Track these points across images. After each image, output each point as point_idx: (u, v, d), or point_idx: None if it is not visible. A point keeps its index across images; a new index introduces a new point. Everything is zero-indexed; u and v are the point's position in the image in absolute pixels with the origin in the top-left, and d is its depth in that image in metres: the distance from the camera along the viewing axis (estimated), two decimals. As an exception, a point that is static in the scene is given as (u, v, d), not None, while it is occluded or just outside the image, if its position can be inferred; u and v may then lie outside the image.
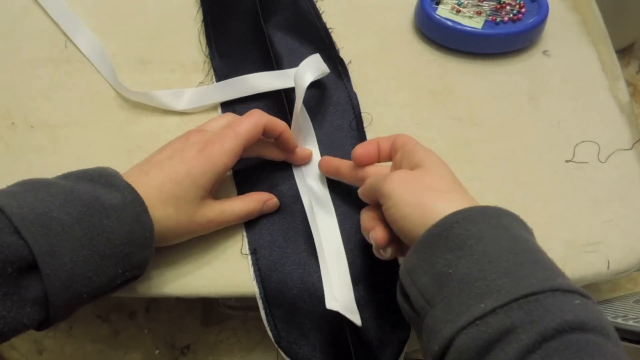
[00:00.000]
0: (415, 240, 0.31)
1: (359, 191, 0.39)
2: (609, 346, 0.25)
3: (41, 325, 0.31)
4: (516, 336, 0.25)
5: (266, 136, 0.41)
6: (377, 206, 0.35)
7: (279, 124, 0.41)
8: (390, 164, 0.39)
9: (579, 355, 0.24)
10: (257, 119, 0.39)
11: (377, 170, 0.39)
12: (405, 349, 0.39)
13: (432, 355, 0.28)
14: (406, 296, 0.31)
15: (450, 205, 0.31)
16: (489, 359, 0.25)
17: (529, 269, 0.27)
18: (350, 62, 0.51)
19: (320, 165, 0.43)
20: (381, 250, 0.36)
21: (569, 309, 0.26)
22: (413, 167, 0.35)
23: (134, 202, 0.33)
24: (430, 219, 0.31)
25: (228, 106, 0.48)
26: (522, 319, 0.25)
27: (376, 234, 0.35)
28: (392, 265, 0.40)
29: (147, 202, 0.34)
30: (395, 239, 0.35)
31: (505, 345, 0.25)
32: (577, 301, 0.26)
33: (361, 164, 0.39)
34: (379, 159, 0.39)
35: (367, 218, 0.37)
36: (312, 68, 0.43)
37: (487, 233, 0.29)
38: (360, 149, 0.39)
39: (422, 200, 0.32)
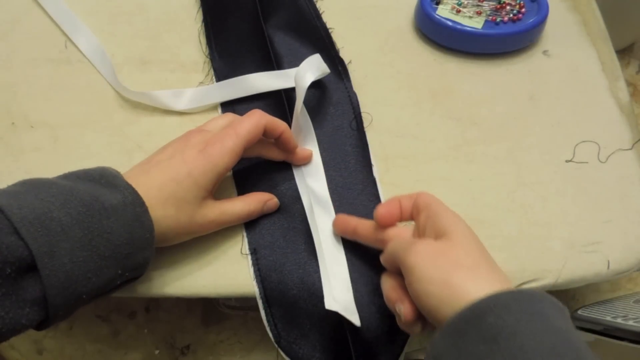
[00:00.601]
0: (442, 321, 0.29)
1: (381, 258, 0.36)
2: None
3: (40, 325, 0.31)
4: None
5: (266, 136, 0.41)
6: (400, 273, 0.33)
7: (279, 124, 0.40)
8: (411, 223, 0.37)
9: None
10: (257, 119, 0.39)
11: (399, 233, 0.36)
12: (405, 349, 0.39)
13: None
14: None
15: (479, 285, 0.29)
16: None
17: None
18: (350, 62, 0.51)
19: (335, 225, 0.40)
20: (408, 325, 0.33)
21: None
22: (438, 234, 0.33)
23: (134, 203, 0.33)
24: (458, 300, 0.29)
25: (228, 106, 0.48)
26: None
27: (405, 309, 0.33)
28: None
29: (148, 203, 0.34)
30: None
31: None
32: None
33: (384, 225, 0.37)
34: (400, 218, 0.37)
35: (390, 287, 0.35)
36: (312, 68, 0.43)
37: (524, 325, 0.26)
38: (382, 209, 0.36)
39: (448, 278, 0.30)
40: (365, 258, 0.41)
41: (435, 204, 0.35)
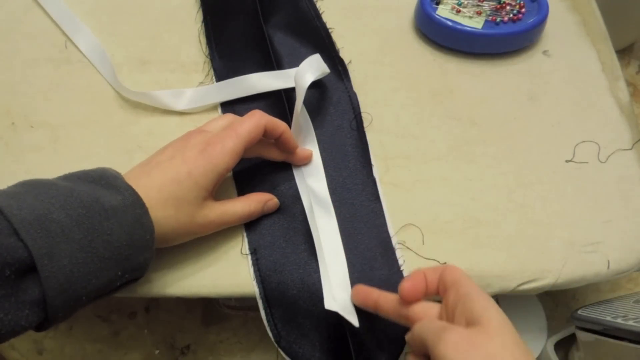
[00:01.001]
0: None
1: (407, 337, 0.34)
2: None
3: (40, 327, 0.31)
4: None
5: (266, 137, 0.41)
6: (427, 356, 0.31)
7: (279, 124, 0.40)
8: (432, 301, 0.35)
9: None
10: (257, 119, 0.39)
11: (426, 311, 0.34)
12: (405, 349, 0.39)
13: None
14: None
15: None
16: None
17: None
18: (350, 62, 0.51)
19: (354, 296, 0.38)
20: None
21: None
22: (470, 321, 0.31)
23: (135, 204, 0.33)
24: None
25: (228, 106, 0.48)
26: None
27: None
28: (391, 266, 0.40)
29: (148, 203, 0.34)
30: None
31: None
32: None
33: (409, 301, 0.34)
34: (426, 293, 0.35)
35: None
36: (312, 68, 0.43)
37: None
38: (407, 284, 0.34)
39: None
40: (365, 258, 0.41)
41: (464, 283, 0.33)
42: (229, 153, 0.37)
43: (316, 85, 0.48)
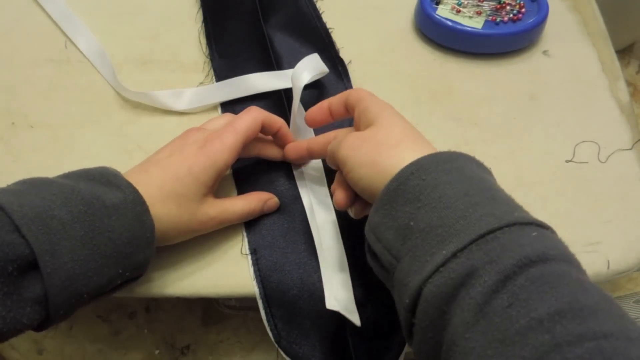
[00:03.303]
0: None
1: (327, 161, 0.39)
2: (572, 272, 0.25)
3: (41, 326, 0.31)
4: (478, 278, 0.25)
5: (264, 132, 0.41)
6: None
7: (276, 120, 0.41)
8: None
9: (543, 289, 0.24)
10: (255, 115, 0.39)
11: (339, 134, 0.39)
12: (405, 349, 0.39)
13: (404, 308, 0.28)
14: (374, 254, 0.32)
15: (403, 157, 0.31)
16: (457, 304, 0.25)
17: (485, 207, 0.28)
18: (350, 62, 0.51)
19: (289, 156, 0.42)
20: (348, 210, 0.37)
21: (527, 242, 0.26)
22: (368, 125, 0.35)
23: (135, 202, 0.33)
24: (387, 175, 0.31)
25: (228, 106, 0.48)
26: (482, 260, 0.25)
27: (336, 198, 0.37)
28: (392, 265, 0.40)
29: (149, 201, 0.34)
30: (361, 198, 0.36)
31: (470, 288, 0.25)
32: (535, 233, 0.27)
33: (315, 126, 0.41)
34: (333, 118, 0.40)
35: (334, 183, 0.38)
36: (309, 68, 0.43)
37: (441, 179, 0.29)
38: (311, 112, 0.40)
39: (374, 158, 0.32)
40: (365, 257, 0.40)
41: (365, 100, 0.37)
42: (228, 149, 0.37)
43: (316, 85, 0.48)
